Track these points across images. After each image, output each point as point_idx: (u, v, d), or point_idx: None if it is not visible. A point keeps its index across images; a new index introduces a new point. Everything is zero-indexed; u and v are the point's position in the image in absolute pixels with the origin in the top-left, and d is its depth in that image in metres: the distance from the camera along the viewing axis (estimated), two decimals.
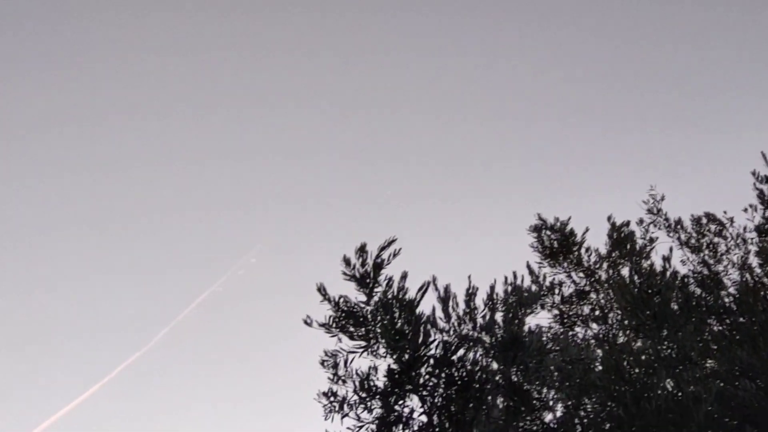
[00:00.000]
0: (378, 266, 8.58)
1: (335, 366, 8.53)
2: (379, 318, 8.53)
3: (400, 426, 8.48)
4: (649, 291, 8.98)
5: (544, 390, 9.02)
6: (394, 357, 8.43)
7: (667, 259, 9.59)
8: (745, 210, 10.34)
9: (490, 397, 8.64)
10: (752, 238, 10.14)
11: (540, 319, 11.03)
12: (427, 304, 8.87)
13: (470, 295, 8.90)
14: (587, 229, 10.76)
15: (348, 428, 8.53)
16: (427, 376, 8.41)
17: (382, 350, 8.50)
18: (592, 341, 9.67)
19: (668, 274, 9.51)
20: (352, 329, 8.52)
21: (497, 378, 8.72)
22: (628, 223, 10.74)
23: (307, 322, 8.57)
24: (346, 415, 8.55)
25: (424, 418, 8.44)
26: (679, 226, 10.63)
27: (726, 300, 9.25)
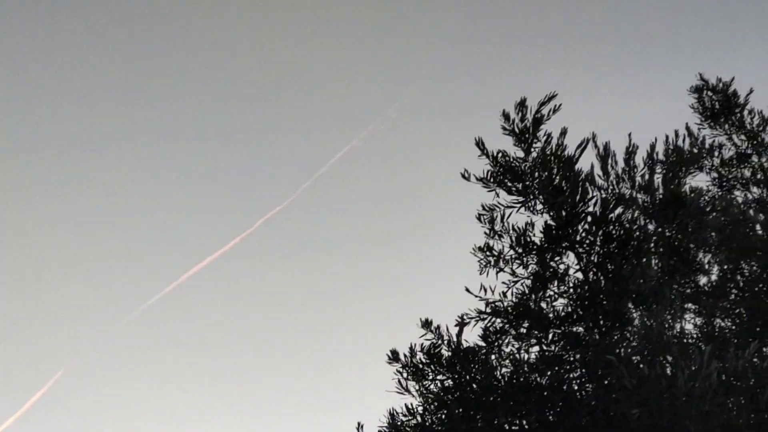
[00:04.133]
0: (537, 122, 10.12)
1: (492, 221, 10.24)
2: (537, 174, 10.10)
3: (555, 282, 10.08)
4: None
5: (701, 253, 10.57)
6: (552, 213, 10.07)
7: None
8: None
9: (646, 258, 10.13)
10: None
11: (698, 181, 12.54)
12: (586, 162, 10.41)
13: (630, 153, 10.44)
14: (751, 91, 12.19)
15: (503, 283, 10.27)
16: (584, 234, 10.05)
17: (539, 206, 10.15)
18: (753, 205, 11.18)
19: None
20: (509, 184, 10.14)
21: (654, 238, 10.24)
22: None
23: (465, 176, 10.21)
24: (502, 270, 10.25)
25: (579, 275, 10.12)
26: None
27: None
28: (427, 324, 10.31)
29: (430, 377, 10.15)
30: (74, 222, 26.61)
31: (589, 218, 10.12)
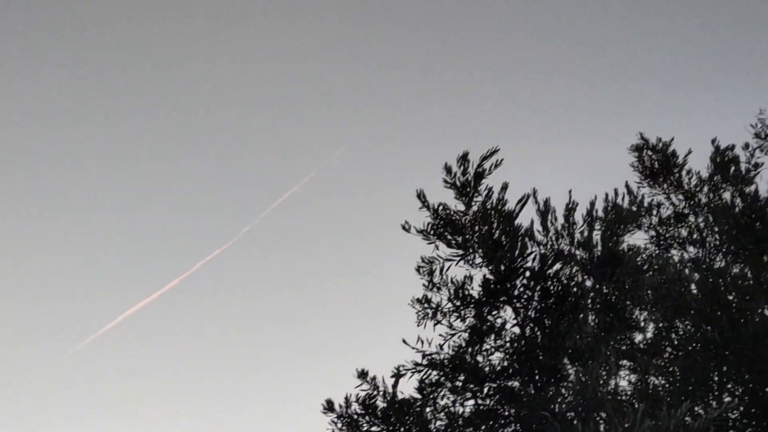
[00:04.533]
0: (479, 176, 10.29)
1: (431, 273, 10.33)
2: (477, 227, 10.26)
3: (492, 336, 10.20)
4: (752, 216, 10.67)
5: (637, 310, 10.77)
6: (490, 267, 10.20)
7: None
8: None
9: (583, 314, 10.30)
10: None
11: (636, 239, 12.83)
12: (526, 217, 10.60)
13: (569, 209, 10.64)
14: (690, 151, 12.55)
15: (440, 335, 10.36)
16: (522, 288, 10.19)
17: (478, 260, 10.28)
18: (689, 264, 11.45)
19: None
20: (449, 237, 10.28)
21: (591, 295, 10.43)
22: (732, 147, 12.50)
23: (405, 228, 10.34)
24: (439, 322, 10.36)
25: (516, 330, 10.26)
26: None
27: None
28: (363, 374, 10.35)
29: (365, 428, 10.16)
30: (9, 255, 26.33)
31: (528, 273, 10.27)
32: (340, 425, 10.27)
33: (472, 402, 10.15)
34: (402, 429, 10.09)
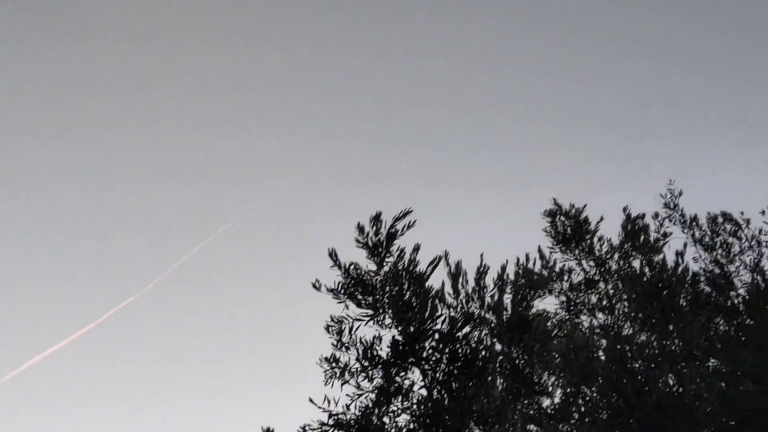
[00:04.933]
0: (391, 236, 10.37)
1: (340, 332, 10.29)
2: (387, 288, 10.32)
3: (399, 398, 10.17)
4: (659, 285, 10.92)
5: (545, 375, 10.85)
6: (400, 328, 10.24)
7: (680, 255, 11.64)
8: (763, 213, 12.38)
9: (491, 378, 10.35)
10: (767, 241, 12.14)
11: (547, 304, 13.01)
12: (437, 279, 10.65)
13: (481, 273, 10.74)
14: (602, 218, 12.82)
15: (347, 395, 10.25)
16: (430, 351, 10.23)
17: (388, 320, 10.34)
18: (597, 330, 11.61)
19: (680, 269, 11.50)
20: (360, 297, 10.30)
21: (500, 359, 10.49)
22: (643, 216, 12.82)
23: (316, 286, 10.33)
24: (347, 382, 10.28)
25: (423, 392, 10.27)
26: (694, 223, 12.73)
27: (735, 301, 11.25)
28: None
29: None
30: None
31: (437, 336, 10.33)
32: None
33: None
34: None
